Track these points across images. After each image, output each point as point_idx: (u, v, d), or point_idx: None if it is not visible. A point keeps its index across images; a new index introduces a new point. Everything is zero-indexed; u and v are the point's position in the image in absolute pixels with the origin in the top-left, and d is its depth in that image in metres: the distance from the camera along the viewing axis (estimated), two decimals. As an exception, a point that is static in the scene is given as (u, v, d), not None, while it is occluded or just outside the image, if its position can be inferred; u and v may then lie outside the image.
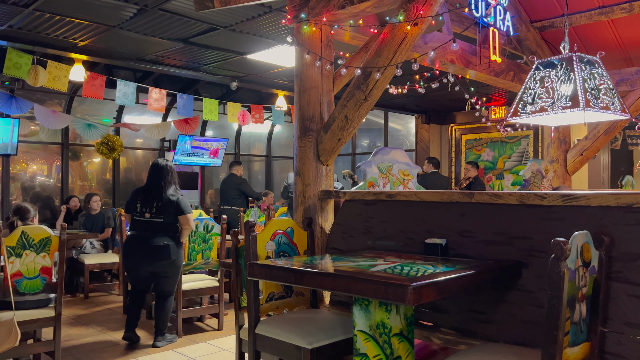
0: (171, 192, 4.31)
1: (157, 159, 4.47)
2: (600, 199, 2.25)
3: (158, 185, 4.29)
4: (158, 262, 4.20)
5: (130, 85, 6.71)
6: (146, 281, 4.33)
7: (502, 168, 9.55)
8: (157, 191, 4.28)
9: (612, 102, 2.97)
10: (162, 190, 4.27)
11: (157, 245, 4.16)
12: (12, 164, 7.45)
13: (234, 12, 4.96)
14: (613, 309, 2.14)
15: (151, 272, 4.26)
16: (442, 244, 2.70)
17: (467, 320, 2.60)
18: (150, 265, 4.22)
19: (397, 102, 9.12)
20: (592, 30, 5.21)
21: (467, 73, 4.69)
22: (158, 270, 4.24)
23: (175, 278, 4.34)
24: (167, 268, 4.24)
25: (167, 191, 4.28)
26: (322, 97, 3.54)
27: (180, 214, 4.29)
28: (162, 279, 4.29)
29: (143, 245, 4.19)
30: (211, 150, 9.15)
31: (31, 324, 3.60)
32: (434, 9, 3.03)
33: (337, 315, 2.94)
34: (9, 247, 3.53)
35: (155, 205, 4.25)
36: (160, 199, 4.25)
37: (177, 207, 4.27)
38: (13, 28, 5.38)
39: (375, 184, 4.03)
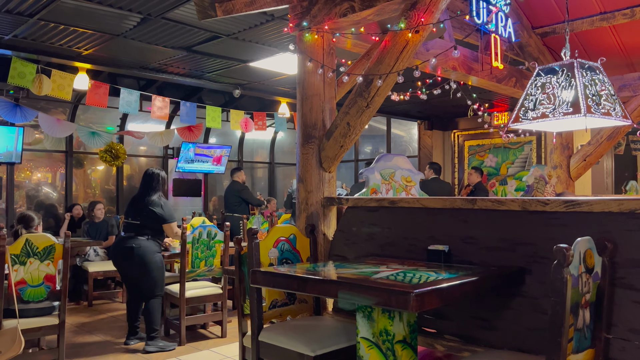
0: (154, 198, 4.46)
1: (149, 168, 4.66)
2: (603, 204, 2.24)
3: (144, 192, 4.49)
4: (125, 263, 4.39)
5: (133, 93, 6.75)
6: (128, 282, 4.59)
7: (505, 174, 9.54)
8: (140, 197, 4.50)
9: (613, 108, 2.97)
10: (145, 195, 4.46)
11: (125, 247, 4.35)
12: (16, 172, 7.49)
13: (236, 21, 4.99)
14: (617, 316, 2.13)
15: (125, 273, 4.52)
16: (444, 251, 2.70)
17: (471, 327, 2.59)
18: (121, 267, 4.49)
19: (400, 108, 9.13)
20: (594, 36, 5.22)
21: (469, 79, 4.70)
22: (127, 271, 4.45)
23: (150, 280, 4.39)
24: (135, 269, 4.36)
25: (149, 197, 4.45)
26: (325, 105, 3.55)
27: (162, 222, 4.47)
28: (136, 280, 4.44)
29: (116, 247, 4.50)
30: (214, 157, 9.18)
31: (35, 332, 3.61)
32: (435, 17, 3.05)
33: (340, 322, 2.94)
34: (13, 255, 3.54)
35: (137, 209, 4.45)
36: (142, 203, 4.44)
37: (157, 215, 4.42)
38: (18, 37, 5.43)
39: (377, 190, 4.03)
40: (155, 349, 4.33)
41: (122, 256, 4.39)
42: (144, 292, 4.45)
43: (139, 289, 4.49)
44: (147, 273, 4.36)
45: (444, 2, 3.05)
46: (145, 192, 4.50)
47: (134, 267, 4.35)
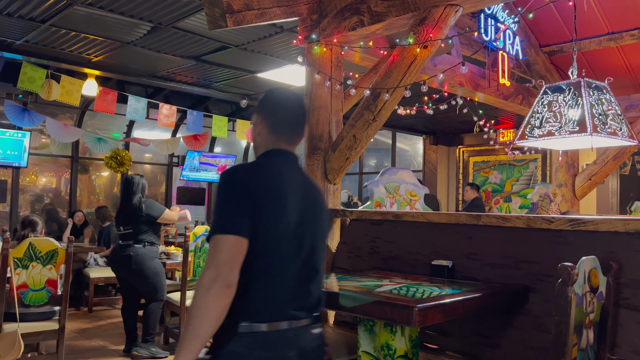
0: (135, 202, 4.46)
1: (127, 174, 4.70)
2: (609, 224, 2.23)
3: (125, 198, 4.51)
4: (125, 271, 4.43)
5: (141, 100, 6.79)
6: (126, 290, 4.57)
7: (509, 191, 9.52)
8: (123, 204, 4.54)
9: (619, 127, 2.97)
10: (126, 202, 4.48)
11: (122, 255, 4.37)
12: (21, 176, 7.52)
13: (246, 32, 5.03)
14: (621, 337, 2.12)
15: (124, 281, 4.55)
16: (448, 266, 2.69)
17: (473, 344, 2.57)
18: (119, 274, 4.54)
19: (406, 122, 9.15)
20: (602, 56, 5.24)
21: (475, 96, 4.72)
22: (128, 278, 4.47)
23: (149, 286, 4.41)
24: (133, 277, 4.40)
25: (131, 202, 4.47)
26: (331, 117, 3.57)
27: (152, 219, 4.47)
28: (135, 287, 4.47)
29: (114, 255, 4.52)
30: (219, 166, 9.20)
31: (35, 337, 3.60)
32: (443, 33, 3.07)
33: (342, 335, 2.92)
34: (16, 258, 3.55)
35: (124, 217, 4.48)
36: (126, 209, 4.47)
37: (144, 215, 4.43)
38: (29, 43, 5.48)
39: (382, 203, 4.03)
40: (147, 354, 4.32)
41: (120, 264, 4.43)
42: (145, 297, 4.47)
43: (140, 296, 4.52)
44: (145, 279, 4.38)
45: (452, 18, 3.07)
46: (126, 198, 4.51)
47: (133, 274, 4.37)
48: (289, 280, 1.53)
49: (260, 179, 1.54)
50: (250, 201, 1.49)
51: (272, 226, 1.50)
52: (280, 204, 1.52)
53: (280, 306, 1.51)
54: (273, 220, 1.50)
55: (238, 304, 1.45)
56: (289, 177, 1.60)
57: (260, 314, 1.48)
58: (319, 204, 1.67)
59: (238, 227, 1.45)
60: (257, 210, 1.48)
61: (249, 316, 1.47)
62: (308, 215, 1.59)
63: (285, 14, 3.47)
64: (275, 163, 1.61)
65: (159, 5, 4.43)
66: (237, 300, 1.44)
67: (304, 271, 1.58)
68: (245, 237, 1.46)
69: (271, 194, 1.52)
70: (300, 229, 1.55)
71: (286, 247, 1.53)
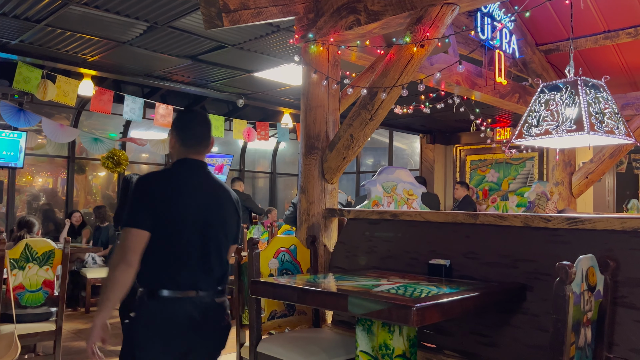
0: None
1: (126, 174, 4.67)
2: (606, 222, 2.24)
3: (124, 198, 4.50)
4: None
5: (137, 100, 6.77)
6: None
7: (506, 189, 9.53)
8: (121, 205, 4.60)
9: (616, 126, 2.98)
10: (124, 203, 4.48)
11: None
12: (17, 177, 7.49)
13: (242, 31, 5.02)
14: (619, 335, 2.12)
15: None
16: (446, 265, 2.69)
17: (471, 343, 2.57)
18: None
19: (403, 121, 9.15)
20: (598, 54, 5.25)
21: (472, 94, 4.72)
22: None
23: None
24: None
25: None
26: (328, 116, 3.56)
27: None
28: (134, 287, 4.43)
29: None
30: (216, 166, 9.18)
31: (32, 338, 3.59)
32: (440, 31, 3.06)
33: (340, 335, 2.92)
34: (13, 259, 3.53)
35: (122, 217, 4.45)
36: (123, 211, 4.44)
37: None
38: (24, 43, 5.46)
39: (379, 203, 4.03)
40: None
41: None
42: None
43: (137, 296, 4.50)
44: None
45: (449, 17, 3.06)
46: (125, 198, 4.50)
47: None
48: (192, 261, 1.99)
49: (161, 183, 2.03)
50: (152, 201, 1.96)
51: (170, 220, 1.97)
52: (175, 202, 1.98)
53: (187, 279, 1.97)
54: (170, 215, 1.97)
55: (157, 275, 1.97)
56: (188, 180, 2.05)
57: (172, 284, 1.96)
58: (218, 201, 2.09)
59: (140, 222, 1.93)
60: (157, 208, 1.95)
61: (165, 285, 1.95)
62: (205, 211, 2.03)
63: (282, 13, 3.46)
64: (180, 170, 2.08)
65: (155, 4, 4.42)
66: (156, 273, 1.96)
67: (204, 254, 2.02)
68: (146, 230, 1.93)
69: (169, 194, 1.99)
70: (196, 221, 2.00)
71: (185, 235, 1.98)
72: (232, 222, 2.17)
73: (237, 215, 2.19)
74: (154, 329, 1.95)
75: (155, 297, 1.96)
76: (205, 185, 2.09)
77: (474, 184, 10.01)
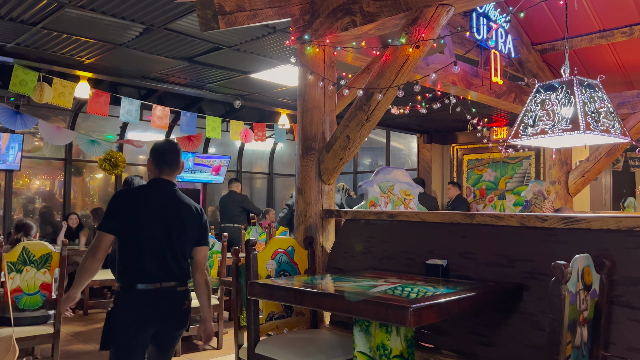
0: None
1: (128, 176, 4.69)
2: (602, 222, 2.25)
3: None
4: None
5: (134, 102, 6.76)
6: None
7: (503, 188, 9.55)
8: None
9: (612, 125, 2.99)
10: None
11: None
12: (15, 179, 7.48)
13: (238, 33, 5.02)
14: (615, 334, 2.13)
15: None
16: (443, 265, 2.70)
17: (468, 342, 2.58)
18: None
19: (399, 121, 9.16)
20: (593, 54, 5.26)
21: (468, 94, 4.73)
22: None
23: None
24: None
25: None
26: (325, 117, 3.57)
27: None
28: None
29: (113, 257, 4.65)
30: (213, 167, 9.18)
31: (30, 341, 3.58)
32: (435, 32, 3.07)
33: (337, 335, 2.93)
34: (10, 262, 3.53)
35: None
36: None
37: None
38: (20, 45, 5.45)
39: (376, 203, 4.04)
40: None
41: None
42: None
43: None
44: None
45: (444, 18, 3.07)
46: None
47: None
48: (155, 260, 2.49)
49: (130, 198, 2.60)
50: (120, 212, 2.52)
51: (137, 227, 2.50)
52: (142, 214, 2.52)
53: (152, 274, 2.48)
54: (137, 224, 2.50)
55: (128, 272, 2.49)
56: (156, 196, 2.59)
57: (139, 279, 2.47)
58: (179, 212, 2.59)
59: (107, 228, 2.49)
60: (120, 216, 2.51)
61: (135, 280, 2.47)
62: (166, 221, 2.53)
63: (278, 15, 3.46)
64: (151, 187, 2.63)
65: (151, 7, 4.42)
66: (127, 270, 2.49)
67: (165, 254, 2.51)
68: (111, 234, 2.50)
69: (136, 207, 2.54)
70: (159, 229, 2.51)
71: (150, 240, 2.49)
72: (193, 229, 2.63)
73: (197, 223, 2.64)
74: (128, 316, 2.46)
75: (127, 290, 2.47)
76: (169, 201, 2.60)
77: (471, 183, 10.03)
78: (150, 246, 2.48)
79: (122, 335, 2.46)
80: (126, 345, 2.47)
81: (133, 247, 2.48)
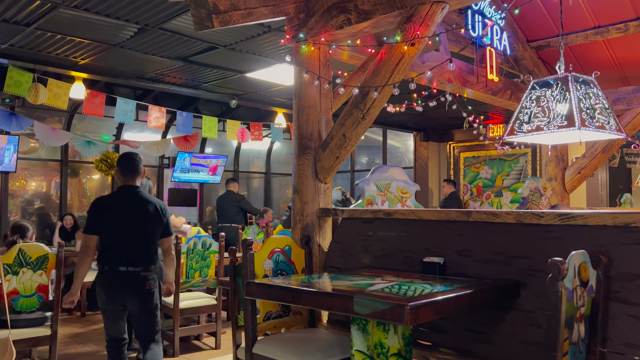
0: None
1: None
2: (598, 218, 2.25)
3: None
4: None
5: (130, 102, 6.74)
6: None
7: (500, 186, 9.57)
8: None
9: (607, 121, 2.99)
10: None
11: None
12: (11, 181, 7.46)
13: (233, 32, 5.01)
14: (612, 329, 2.13)
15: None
16: (440, 263, 2.70)
17: (466, 340, 2.58)
18: None
19: (396, 119, 9.16)
20: (589, 50, 5.27)
21: (464, 92, 4.73)
22: None
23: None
24: None
25: None
26: (321, 116, 3.56)
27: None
28: None
29: None
30: (210, 167, 9.17)
31: (27, 343, 3.57)
32: (430, 30, 3.07)
33: (335, 334, 2.92)
34: (6, 264, 3.52)
35: None
36: None
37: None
38: (14, 46, 5.43)
39: (373, 201, 4.04)
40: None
41: None
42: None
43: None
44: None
45: (439, 15, 3.07)
46: None
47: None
48: (122, 249, 3.18)
49: (104, 204, 3.26)
50: (97, 215, 3.20)
51: (109, 225, 3.19)
52: (113, 214, 3.21)
53: (120, 261, 3.16)
54: (105, 222, 3.19)
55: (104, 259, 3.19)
56: (123, 199, 3.26)
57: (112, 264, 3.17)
58: (142, 210, 3.24)
59: (90, 229, 3.19)
60: (98, 218, 3.19)
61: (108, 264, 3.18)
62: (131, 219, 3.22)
63: (272, 14, 3.46)
64: (119, 193, 3.31)
65: (145, 6, 4.40)
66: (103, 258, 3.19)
67: (131, 245, 3.20)
68: (93, 234, 3.19)
69: (108, 210, 3.22)
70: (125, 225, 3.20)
71: (118, 234, 3.19)
72: (156, 222, 3.28)
73: (159, 218, 3.29)
74: (103, 289, 3.19)
75: (103, 271, 3.18)
76: (135, 202, 3.25)
77: (468, 180, 10.04)
78: (122, 240, 3.18)
79: (101, 303, 3.23)
80: (105, 309, 3.24)
81: (109, 240, 3.19)
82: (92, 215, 3.20)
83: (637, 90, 5.15)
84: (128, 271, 3.14)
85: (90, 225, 3.19)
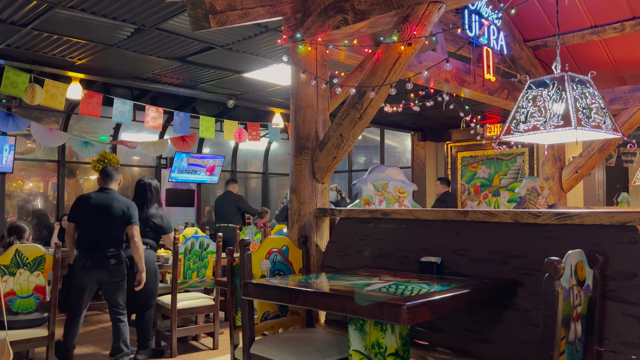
0: (152, 210, 4.66)
1: (141, 178, 4.86)
2: (594, 217, 2.25)
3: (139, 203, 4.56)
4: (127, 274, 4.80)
5: (127, 103, 6.73)
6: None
7: (497, 185, 9.58)
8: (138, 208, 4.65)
9: (603, 121, 3.00)
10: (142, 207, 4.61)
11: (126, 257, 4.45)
12: (8, 182, 7.44)
13: (230, 32, 5.01)
14: (609, 328, 2.14)
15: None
16: (437, 263, 2.70)
17: (463, 339, 2.59)
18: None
19: (393, 119, 9.17)
20: (585, 50, 5.28)
21: (461, 91, 4.73)
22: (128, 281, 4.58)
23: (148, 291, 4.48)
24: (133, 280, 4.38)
25: (148, 209, 4.65)
26: (318, 116, 3.56)
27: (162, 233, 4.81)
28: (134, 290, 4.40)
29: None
30: (208, 167, 9.16)
31: (24, 344, 3.57)
32: (427, 30, 3.07)
33: (333, 334, 2.92)
34: (3, 265, 3.51)
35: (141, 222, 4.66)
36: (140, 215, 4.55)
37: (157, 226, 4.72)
38: (11, 47, 5.41)
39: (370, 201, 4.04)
40: (147, 357, 4.33)
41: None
42: (141, 303, 4.43)
43: (136, 300, 4.42)
44: (146, 283, 4.32)
45: (436, 15, 3.07)
46: (141, 203, 4.58)
47: (133, 278, 4.29)
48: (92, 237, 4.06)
49: (83, 202, 4.20)
50: (77, 208, 4.20)
51: (83, 219, 4.13)
52: (87, 210, 4.12)
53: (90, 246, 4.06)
54: (83, 217, 4.12)
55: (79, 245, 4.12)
56: (97, 199, 4.16)
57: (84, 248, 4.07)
58: (110, 207, 4.12)
59: (71, 219, 4.21)
60: (79, 211, 4.17)
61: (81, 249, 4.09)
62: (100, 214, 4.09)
63: (269, 14, 3.46)
64: (96, 194, 4.22)
65: (142, 7, 4.40)
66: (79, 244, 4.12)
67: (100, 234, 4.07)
68: (72, 222, 4.20)
69: (85, 206, 4.15)
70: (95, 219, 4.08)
71: (90, 227, 4.09)
72: (123, 215, 4.12)
73: (125, 212, 4.12)
74: (78, 268, 4.04)
75: (79, 255, 4.07)
76: (107, 201, 4.14)
77: (465, 180, 10.06)
78: (94, 228, 4.04)
79: (76, 275, 4.05)
80: (76, 284, 4.06)
81: (83, 228, 4.09)
82: (75, 208, 4.19)
83: (633, 90, 5.16)
84: (99, 253, 4.00)
85: (72, 214, 4.20)
